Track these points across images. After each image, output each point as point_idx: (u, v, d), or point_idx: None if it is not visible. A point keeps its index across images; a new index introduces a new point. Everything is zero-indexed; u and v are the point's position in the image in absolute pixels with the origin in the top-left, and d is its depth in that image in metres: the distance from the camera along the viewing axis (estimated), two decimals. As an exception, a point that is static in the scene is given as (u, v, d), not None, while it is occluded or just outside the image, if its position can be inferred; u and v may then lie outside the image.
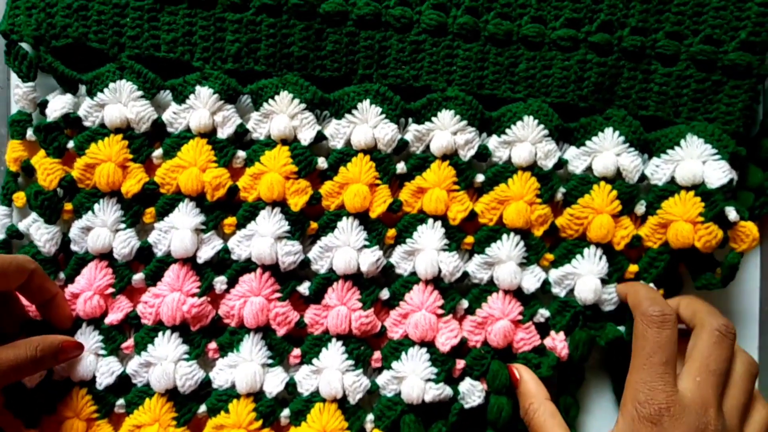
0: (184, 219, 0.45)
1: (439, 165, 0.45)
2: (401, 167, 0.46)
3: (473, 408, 0.45)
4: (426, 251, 0.45)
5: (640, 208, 0.46)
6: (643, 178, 0.46)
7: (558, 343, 0.45)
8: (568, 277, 0.46)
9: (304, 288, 0.46)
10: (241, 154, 0.46)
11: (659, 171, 0.45)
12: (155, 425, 0.44)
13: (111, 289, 0.45)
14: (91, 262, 0.45)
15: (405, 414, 0.45)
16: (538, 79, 0.46)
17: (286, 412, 0.45)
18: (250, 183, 0.45)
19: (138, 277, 0.45)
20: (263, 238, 0.44)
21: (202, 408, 0.45)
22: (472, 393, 0.45)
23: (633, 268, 0.46)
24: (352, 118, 0.45)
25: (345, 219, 0.45)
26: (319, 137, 0.45)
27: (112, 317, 0.45)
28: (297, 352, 0.46)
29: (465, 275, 0.46)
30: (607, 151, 0.45)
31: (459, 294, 0.46)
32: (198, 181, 0.44)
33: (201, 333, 0.45)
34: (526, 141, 0.45)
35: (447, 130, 0.45)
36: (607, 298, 0.46)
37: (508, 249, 0.45)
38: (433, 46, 0.45)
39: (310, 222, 0.46)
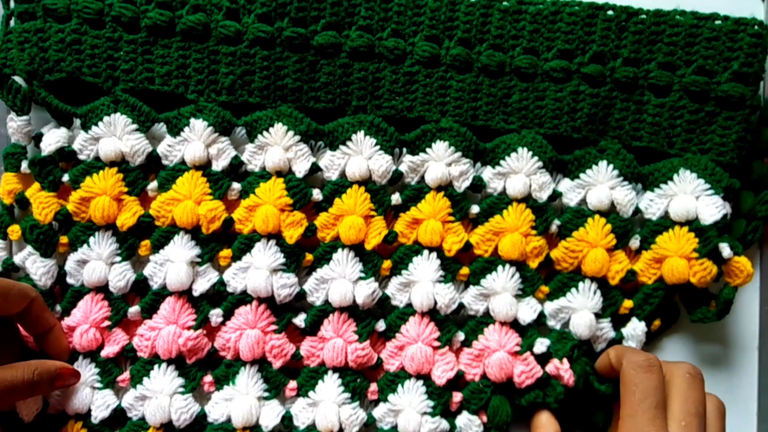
0: (180, 252, 0.45)
1: (434, 196, 0.45)
2: (396, 198, 0.46)
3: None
4: (421, 283, 0.45)
5: (635, 242, 0.46)
6: (637, 211, 0.46)
7: (563, 372, 0.44)
8: (563, 310, 0.45)
9: (299, 320, 0.46)
10: (236, 186, 0.46)
11: (653, 205, 0.45)
12: (151, 459, 0.44)
13: (107, 322, 0.45)
14: (87, 295, 0.45)
15: (401, 446, 0.45)
16: (532, 110, 0.46)
17: (283, 445, 0.45)
18: (245, 215, 0.45)
19: (134, 310, 0.45)
20: (258, 271, 0.44)
21: (198, 442, 0.45)
22: (470, 427, 0.45)
23: (628, 304, 0.45)
24: (346, 150, 0.45)
25: (340, 251, 0.45)
26: (314, 169, 0.46)
27: (109, 350, 0.45)
28: (293, 384, 0.46)
29: (461, 307, 0.46)
30: (602, 185, 0.45)
31: (455, 326, 0.46)
32: (193, 214, 0.44)
33: (197, 366, 0.45)
34: (520, 173, 0.45)
35: (441, 162, 0.45)
36: (599, 335, 0.45)
37: (503, 280, 0.45)
38: (427, 77, 0.45)
39: (305, 254, 0.45)
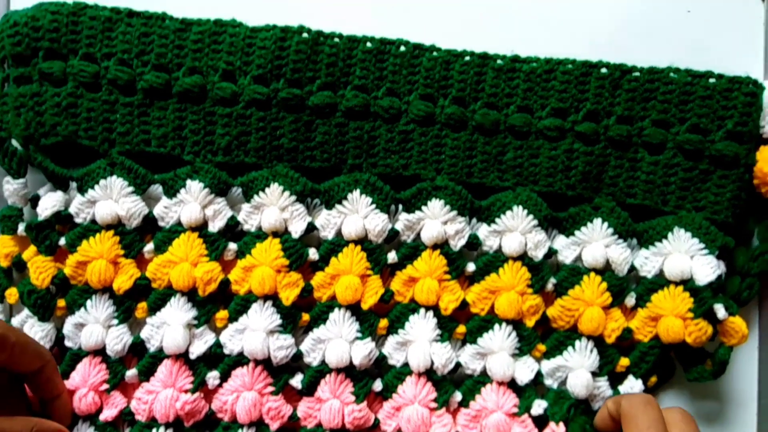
0: (176, 314, 0.45)
1: (429, 254, 0.45)
2: (392, 257, 0.46)
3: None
4: (418, 342, 0.45)
5: (630, 300, 0.46)
6: (632, 268, 0.46)
7: None
8: (560, 369, 0.45)
9: (296, 381, 0.46)
10: (232, 247, 0.46)
11: (648, 263, 0.45)
12: None
13: (105, 385, 0.45)
14: (85, 358, 0.45)
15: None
16: (526, 167, 0.46)
17: (282, 507, 0.45)
18: (241, 276, 0.45)
19: (131, 373, 0.45)
20: (255, 333, 0.44)
21: (197, 505, 0.45)
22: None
23: (624, 362, 0.45)
24: (342, 209, 0.45)
25: (337, 310, 0.45)
26: (310, 228, 0.46)
27: (107, 414, 0.45)
28: (290, 446, 0.46)
29: (458, 365, 0.46)
30: (597, 242, 0.45)
31: (452, 386, 0.45)
32: (189, 276, 0.44)
33: (195, 428, 0.45)
34: (516, 231, 0.45)
35: (437, 220, 0.45)
36: (596, 393, 0.45)
37: (500, 339, 0.45)
38: (422, 135, 0.46)
39: (302, 314, 0.45)
